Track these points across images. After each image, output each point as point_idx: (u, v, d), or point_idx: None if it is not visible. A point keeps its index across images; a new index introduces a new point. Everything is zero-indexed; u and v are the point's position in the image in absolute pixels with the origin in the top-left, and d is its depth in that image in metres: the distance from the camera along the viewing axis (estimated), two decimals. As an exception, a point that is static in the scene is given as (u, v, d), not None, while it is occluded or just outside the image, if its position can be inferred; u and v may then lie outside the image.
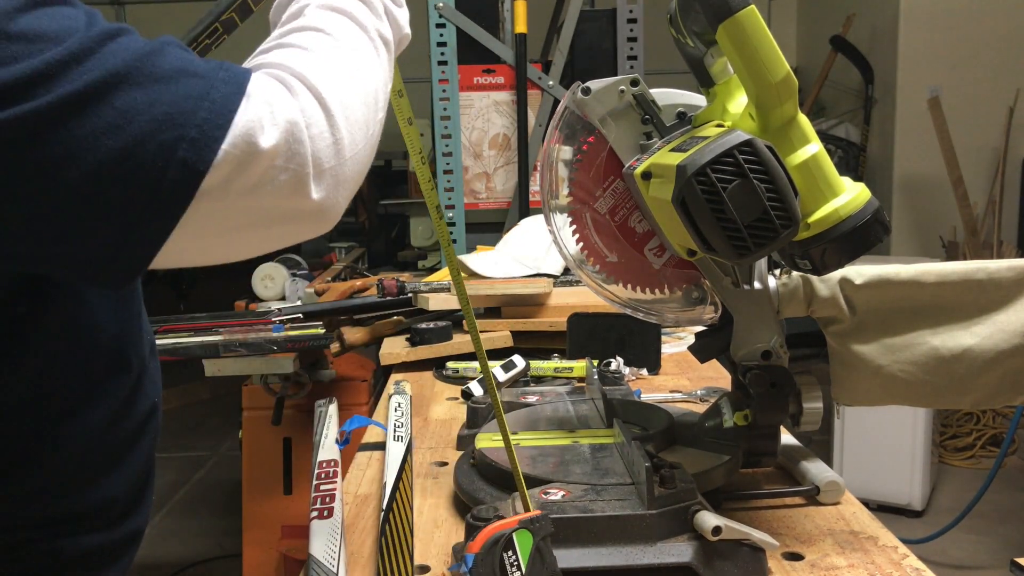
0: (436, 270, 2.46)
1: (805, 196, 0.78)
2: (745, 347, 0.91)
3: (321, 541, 0.83)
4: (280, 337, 1.51)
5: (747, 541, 0.75)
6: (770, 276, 0.92)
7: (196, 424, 4.87)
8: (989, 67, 4.46)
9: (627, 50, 2.47)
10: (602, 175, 0.94)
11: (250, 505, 2.09)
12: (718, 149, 0.73)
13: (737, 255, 0.74)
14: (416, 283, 1.76)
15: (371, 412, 1.40)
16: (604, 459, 0.91)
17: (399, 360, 1.60)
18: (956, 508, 3.12)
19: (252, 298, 2.49)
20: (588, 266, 0.97)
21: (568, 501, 0.79)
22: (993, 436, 3.83)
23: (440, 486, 1.02)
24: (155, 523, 3.62)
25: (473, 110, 2.47)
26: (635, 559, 0.74)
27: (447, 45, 2.42)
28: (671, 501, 0.76)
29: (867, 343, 0.92)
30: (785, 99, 0.78)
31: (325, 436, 1.11)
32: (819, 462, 0.99)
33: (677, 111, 0.92)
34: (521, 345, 1.62)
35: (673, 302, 0.97)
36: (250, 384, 2.09)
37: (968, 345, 0.90)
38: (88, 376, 0.77)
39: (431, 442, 1.19)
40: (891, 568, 0.79)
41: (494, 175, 2.51)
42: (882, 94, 4.82)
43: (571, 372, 1.38)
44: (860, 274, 0.92)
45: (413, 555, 0.82)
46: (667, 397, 1.34)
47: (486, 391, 1.25)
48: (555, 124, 0.94)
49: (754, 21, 0.76)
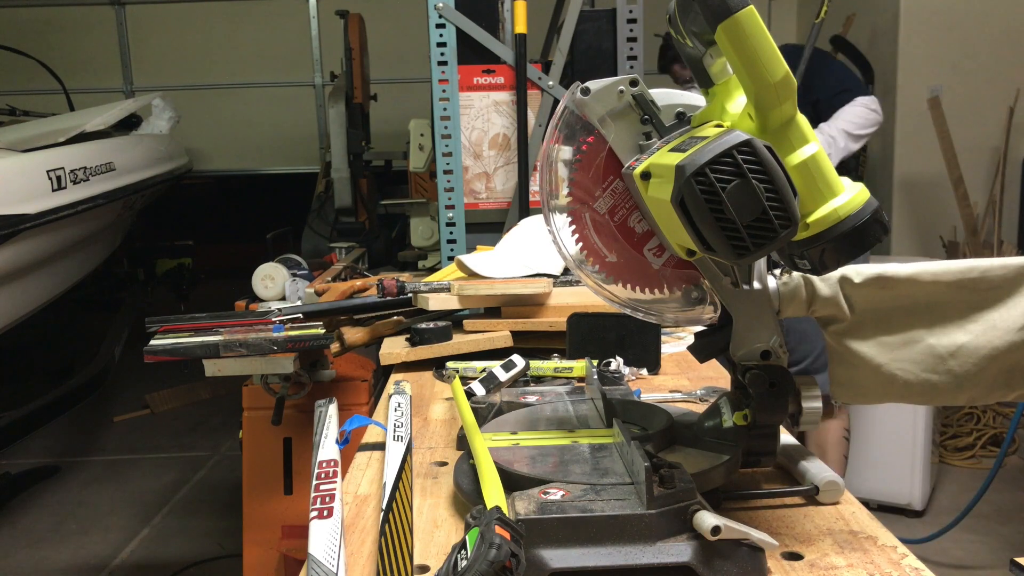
0: (436, 270, 2.46)
1: (804, 196, 0.78)
2: (744, 347, 0.91)
3: (321, 541, 0.83)
4: (280, 337, 1.51)
5: (746, 541, 0.75)
6: (770, 276, 0.92)
7: (196, 424, 4.87)
8: (989, 67, 4.46)
9: (627, 50, 2.48)
10: (601, 175, 0.94)
11: (250, 505, 2.10)
12: (717, 149, 0.73)
13: (736, 255, 0.74)
14: (416, 283, 1.76)
15: (371, 412, 1.40)
16: (603, 459, 0.91)
17: (399, 360, 1.60)
18: (956, 508, 3.13)
19: (252, 298, 2.50)
20: (587, 266, 0.97)
21: (567, 501, 0.79)
22: (993, 436, 3.83)
23: (440, 486, 1.02)
24: (155, 523, 3.62)
25: (473, 110, 2.47)
26: (634, 559, 0.74)
27: (447, 45, 2.42)
28: (670, 501, 0.77)
29: (865, 341, 0.92)
30: (784, 99, 0.78)
31: (325, 436, 1.11)
32: (818, 462, 0.99)
33: (676, 111, 0.92)
34: (521, 345, 1.62)
35: (673, 302, 0.97)
36: (250, 384, 2.09)
37: (962, 342, 0.90)
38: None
39: (431, 442, 1.19)
40: (890, 568, 0.79)
41: (494, 175, 2.51)
42: (882, 94, 4.82)
43: (571, 372, 1.38)
44: (859, 273, 0.92)
45: (413, 555, 0.82)
46: (667, 397, 1.34)
47: (489, 391, 1.25)
48: (555, 124, 0.94)
49: (753, 21, 0.76)
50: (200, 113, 6.52)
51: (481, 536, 0.67)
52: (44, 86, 5.74)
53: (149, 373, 3.63)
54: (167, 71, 6.62)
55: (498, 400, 1.18)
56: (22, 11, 6.65)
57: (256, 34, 6.61)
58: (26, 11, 6.65)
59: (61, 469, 4.29)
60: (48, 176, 3.27)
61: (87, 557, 3.33)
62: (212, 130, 6.73)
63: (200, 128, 6.55)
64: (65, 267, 3.83)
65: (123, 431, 4.80)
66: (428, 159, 3.13)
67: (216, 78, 6.68)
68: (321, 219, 3.97)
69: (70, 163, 3.45)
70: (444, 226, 2.50)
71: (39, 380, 5.42)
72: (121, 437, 4.75)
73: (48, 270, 3.59)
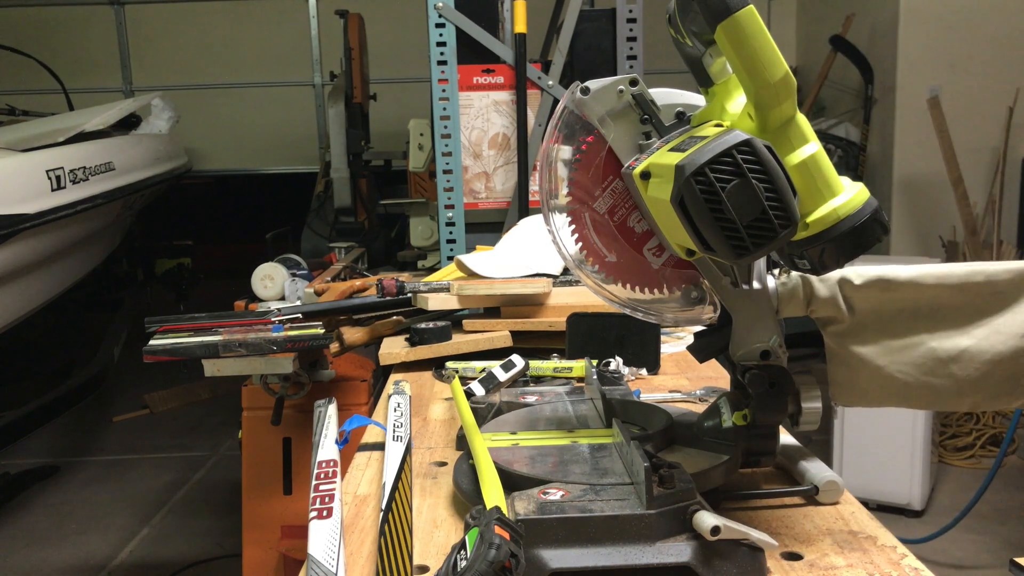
0: (436, 270, 2.46)
1: (804, 196, 0.78)
2: (744, 347, 0.91)
3: (320, 541, 0.83)
4: (280, 337, 1.51)
5: (746, 541, 0.75)
6: (769, 276, 0.92)
7: (196, 424, 4.87)
8: (989, 67, 4.46)
9: (626, 50, 2.48)
10: (601, 175, 0.94)
11: (250, 505, 2.09)
12: (717, 149, 0.73)
13: (736, 255, 0.74)
14: (415, 283, 1.76)
15: (370, 412, 1.40)
16: (603, 459, 0.91)
17: (398, 360, 1.60)
18: (956, 508, 3.13)
19: (252, 298, 2.50)
20: (587, 266, 0.97)
21: (567, 501, 0.79)
22: (993, 436, 3.83)
23: (439, 486, 1.02)
24: (155, 523, 3.62)
25: (473, 110, 2.47)
26: (634, 559, 0.74)
27: (447, 45, 2.42)
28: (670, 501, 0.76)
29: (866, 344, 0.92)
30: (784, 99, 0.78)
31: (324, 436, 1.11)
32: (818, 462, 0.99)
33: (676, 111, 0.92)
34: (520, 345, 1.62)
35: (672, 302, 0.97)
36: (250, 384, 2.09)
37: (965, 346, 0.90)
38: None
39: (430, 442, 1.19)
40: (890, 568, 0.79)
41: (494, 175, 2.51)
42: (882, 94, 4.82)
43: (570, 372, 1.38)
44: (859, 274, 0.92)
45: (412, 555, 0.82)
46: (666, 397, 1.34)
47: (488, 391, 1.25)
48: (554, 124, 0.94)
49: (753, 21, 0.76)
50: (200, 113, 6.52)
51: (481, 536, 0.67)
52: (44, 86, 5.74)
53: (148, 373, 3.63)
54: (167, 71, 6.62)
55: (498, 400, 1.18)
56: (22, 11, 6.65)
57: (256, 34, 6.61)
58: (26, 11, 6.65)
59: (60, 469, 4.29)
60: (47, 176, 3.27)
61: (87, 557, 3.33)
62: (211, 130, 6.73)
63: (199, 128, 6.55)
64: (64, 267, 3.83)
65: (122, 431, 4.80)
66: (428, 159, 3.13)
67: (216, 78, 6.68)
68: (320, 219, 3.97)
69: (69, 163, 3.45)
70: (443, 226, 2.50)
71: (38, 380, 5.42)
72: (120, 437, 4.75)
73: (47, 270, 3.59)
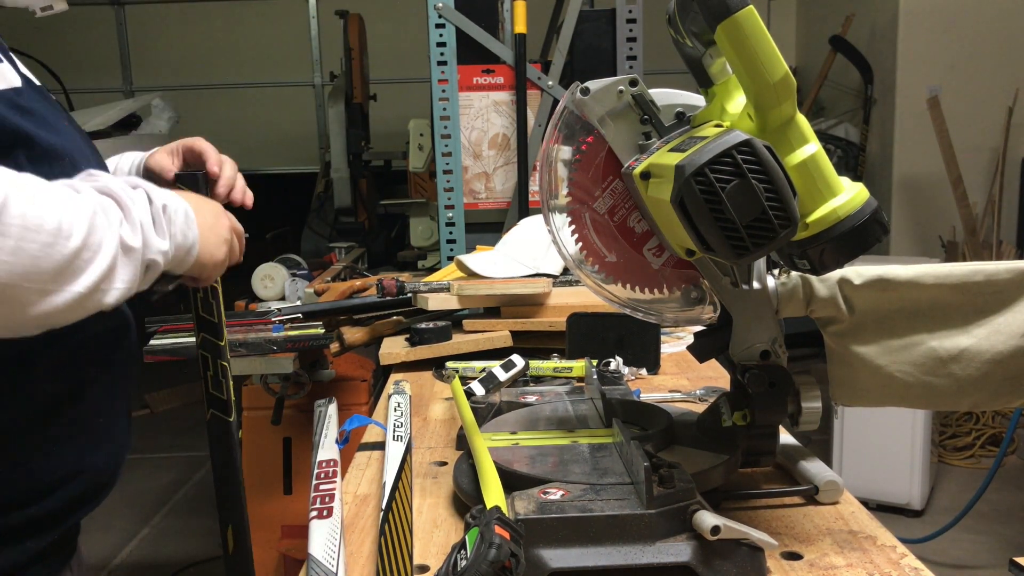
0: (436, 270, 2.46)
1: (803, 196, 0.78)
2: (744, 347, 0.91)
3: (321, 541, 0.83)
4: (280, 337, 1.51)
5: (746, 541, 0.75)
6: (769, 276, 0.92)
7: (196, 424, 4.86)
8: (989, 67, 4.46)
9: (626, 50, 2.48)
10: (601, 175, 0.94)
11: (250, 505, 2.09)
12: (716, 149, 0.73)
13: (736, 255, 0.74)
14: (415, 283, 1.76)
15: (371, 412, 1.40)
16: (603, 459, 0.91)
17: (399, 360, 1.60)
18: (955, 508, 3.13)
19: (252, 298, 2.50)
20: (587, 266, 0.97)
21: (567, 501, 0.79)
22: (992, 436, 3.83)
23: (439, 486, 1.02)
24: (155, 523, 3.62)
25: (472, 110, 2.47)
26: (634, 559, 0.74)
27: (446, 45, 2.42)
28: (670, 501, 0.77)
29: (866, 344, 0.92)
30: (783, 99, 0.78)
31: (325, 436, 1.11)
32: (818, 462, 0.99)
33: (676, 111, 0.92)
34: (520, 345, 1.62)
35: (672, 302, 0.97)
36: (250, 384, 2.09)
37: (965, 346, 0.90)
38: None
39: (431, 442, 1.19)
40: (890, 567, 0.79)
41: (493, 175, 2.51)
42: (881, 94, 4.82)
43: (570, 372, 1.38)
44: (859, 274, 0.92)
45: (412, 555, 0.83)
46: (666, 397, 1.34)
47: (488, 390, 1.25)
48: (554, 124, 0.94)
49: (752, 21, 0.76)
50: (200, 113, 6.51)
51: (481, 536, 0.67)
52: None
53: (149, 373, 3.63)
54: (167, 71, 6.61)
55: (498, 400, 1.18)
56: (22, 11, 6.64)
57: (256, 34, 6.60)
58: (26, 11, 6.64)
59: (60, 469, 4.28)
60: (47, 176, 3.26)
61: (87, 557, 3.32)
62: (212, 130, 6.66)
63: (200, 128, 6.46)
64: (64, 267, 3.82)
65: (123, 431, 4.79)
66: (427, 159, 3.13)
67: (216, 78, 6.67)
68: (321, 219, 3.97)
69: (69, 163, 3.44)
70: (444, 226, 2.50)
71: (38, 380, 5.41)
72: (121, 437, 4.74)
73: (47, 270, 3.58)
